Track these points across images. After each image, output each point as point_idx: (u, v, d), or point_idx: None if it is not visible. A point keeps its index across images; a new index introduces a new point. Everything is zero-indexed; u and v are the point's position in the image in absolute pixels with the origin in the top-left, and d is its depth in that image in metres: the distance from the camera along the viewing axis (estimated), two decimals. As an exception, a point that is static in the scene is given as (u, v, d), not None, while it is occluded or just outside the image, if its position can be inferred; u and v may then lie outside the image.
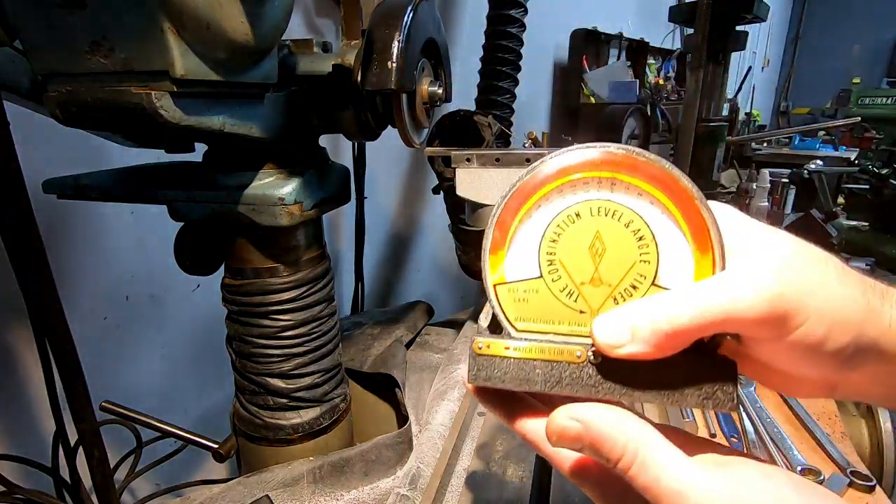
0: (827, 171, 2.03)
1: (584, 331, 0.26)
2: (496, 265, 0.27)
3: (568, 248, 0.26)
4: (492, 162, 0.69)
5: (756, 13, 1.75)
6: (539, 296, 0.27)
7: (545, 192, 0.26)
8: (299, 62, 0.56)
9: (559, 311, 0.27)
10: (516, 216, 0.27)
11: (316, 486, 0.62)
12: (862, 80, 4.56)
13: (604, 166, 0.25)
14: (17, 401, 0.77)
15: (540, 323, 0.27)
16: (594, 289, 0.26)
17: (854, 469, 0.70)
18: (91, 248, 0.84)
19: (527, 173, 0.26)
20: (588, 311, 0.26)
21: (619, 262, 0.25)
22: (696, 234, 0.24)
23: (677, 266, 0.25)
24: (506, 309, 0.27)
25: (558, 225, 0.26)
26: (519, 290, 0.27)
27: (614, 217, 0.25)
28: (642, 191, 0.25)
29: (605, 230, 0.26)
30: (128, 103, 0.38)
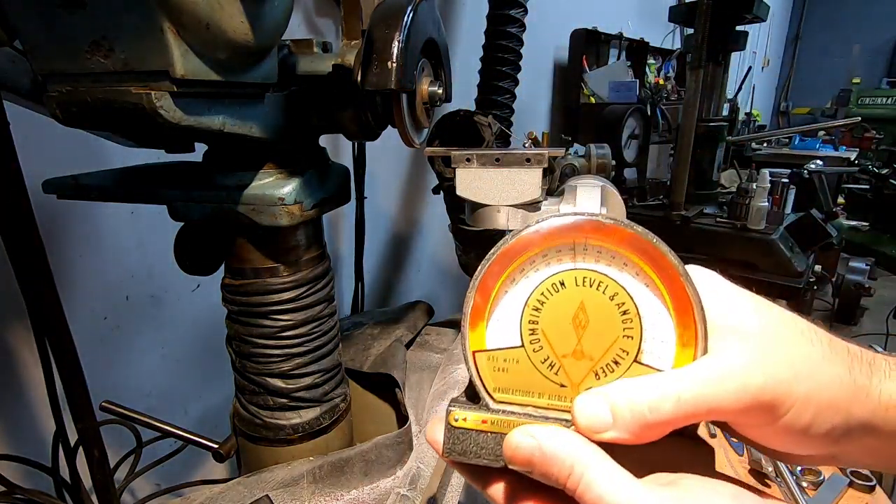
0: (827, 171, 2.03)
1: (564, 405, 0.25)
2: (476, 331, 0.26)
3: (551, 318, 0.25)
4: (492, 162, 0.69)
5: (756, 13, 1.75)
6: (519, 366, 0.26)
7: (529, 257, 0.26)
8: (299, 62, 0.56)
9: (539, 383, 0.26)
10: (498, 281, 0.26)
11: (316, 486, 0.62)
12: (862, 80, 4.56)
13: (591, 234, 0.25)
14: (17, 401, 0.77)
15: (519, 394, 0.26)
16: (576, 362, 0.25)
17: (854, 469, 0.70)
18: (91, 248, 0.84)
19: (512, 237, 0.26)
20: (569, 385, 0.25)
21: (603, 335, 0.25)
22: (679, 313, 0.24)
23: (660, 344, 0.24)
24: (484, 378, 0.26)
25: (542, 293, 0.25)
26: (499, 358, 0.26)
27: (599, 288, 0.25)
28: (628, 261, 0.25)
29: (590, 301, 0.25)
30: (128, 103, 0.38)
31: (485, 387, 0.26)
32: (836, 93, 4.54)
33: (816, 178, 1.94)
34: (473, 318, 0.26)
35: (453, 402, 0.27)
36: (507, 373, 0.26)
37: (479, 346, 0.26)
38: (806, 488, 0.68)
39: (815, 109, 4.79)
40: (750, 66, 4.36)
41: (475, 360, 0.26)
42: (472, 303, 0.26)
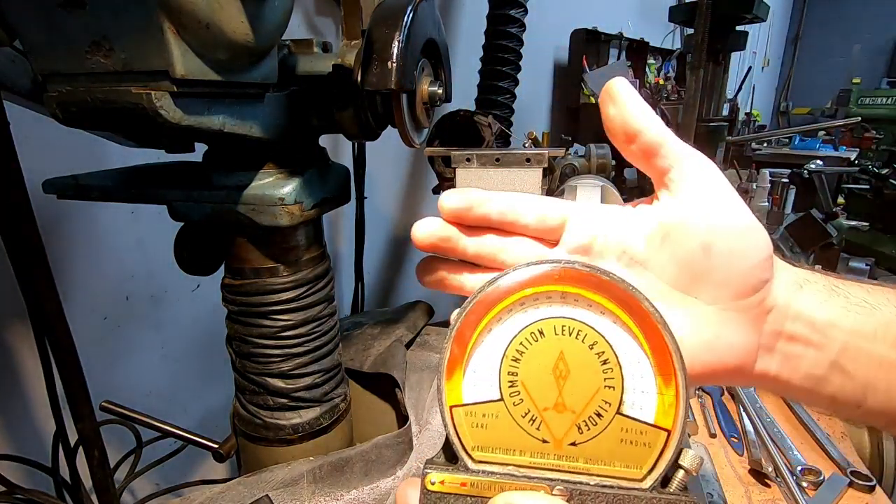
0: (827, 171, 2.03)
1: (547, 462, 0.24)
2: (453, 385, 0.25)
3: (531, 369, 0.24)
4: (492, 162, 0.69)
5: (756, 13, 1.76)
6: (499, 421, 0.24)
7: (507, 305, 0.25)
8: (299, 62, 0.56)
9: (520, 439, 0.24)
10: (476, 330, 0.25)
11: (316, 486, 0.62)
12: (862, 80, 4.56)
13: (567, 282, 0.24)
14: (17, 401, 0.77)
15: (499, 452, 0.24)
16: (558, 415, 0.24)
17: (854, 469, 0.70)
18: (91, 248, 0.84)
19: (488, 284, 0.25)
20: (551, 441, 0.24)
21: (584, 387, 0.24)
22: (659, 363, 0.23)
23: (641, 394, 0.24)
24: (462, 436, 0.25)
25: (521, 343, 0.24)
26: (478, 413, 0.25)
27: (578, 337, 0.24)
28: (605, 309, 0.24)
29: (570, 351, 0.24)
30: (128, 103, 0.38)
31: (463, 445, 0.25)
32: (836, 93, 4.54)
33: (816, 178, 1.94)
34: (450, 370, 0.25)
35: (429, 464, 0.25)
36: (487, 429, 0.25)
37: (456, 400, 0.25)
38: (806, 488, 0.68)
39: (815, 109, 4.79)
40: (750, 66, 4.36)
41: (452, 417, 0.25)
42: (448, 354, 0.25)
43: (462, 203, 0.30)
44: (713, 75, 1.81)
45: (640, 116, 0.27)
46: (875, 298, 0.26)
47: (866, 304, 0.26)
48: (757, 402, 0.85)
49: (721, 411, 0.84)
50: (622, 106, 0.27)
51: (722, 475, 0.70)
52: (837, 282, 0.27)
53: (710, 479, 0.68)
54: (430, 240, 0.30)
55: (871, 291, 0.27)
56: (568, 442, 0.24)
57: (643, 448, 0.23)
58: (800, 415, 0.82)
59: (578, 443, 0.24)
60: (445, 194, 0.30)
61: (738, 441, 0.77)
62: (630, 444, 0.24)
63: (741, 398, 0.86)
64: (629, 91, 0.28)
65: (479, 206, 0.30)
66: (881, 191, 1.96)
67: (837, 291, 0.27)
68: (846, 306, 0.26)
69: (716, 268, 0.26)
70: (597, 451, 0.24)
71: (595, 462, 0.24)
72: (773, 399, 0.88)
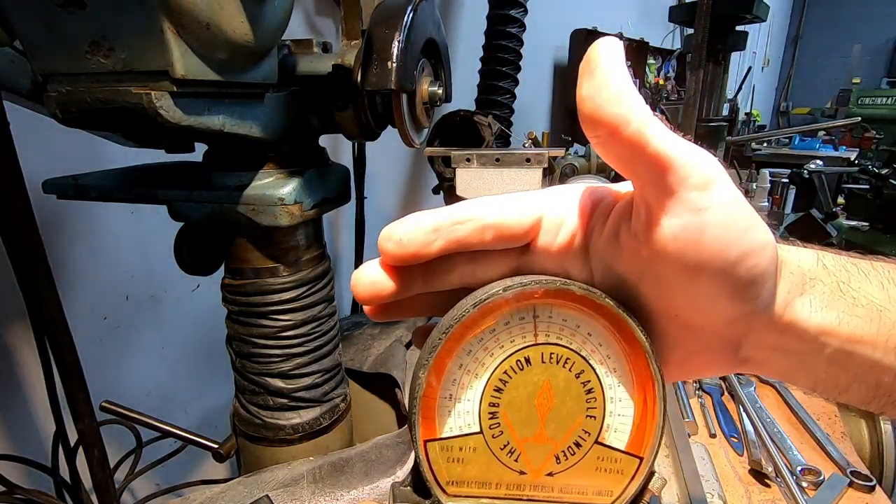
0: (827, 171, 2.03)
1: (523, 493, 0.23)
2: (429, 418, 0.23)
3: (513, 400, 0.23)
4: (492, 162, 0.69)
5: (756, 13, 1.76)
6: (476, 455, 0.23)
7: (489, 326, 0.23)
8: (299, 62, 0.56)
9: (497, 471, 0.23)
10: (454, 355, 0.23)
11: (316, 486, 0.62)
12: (862, 80, 4.56)
13: (557, 301, 0.23)
14: (17, 401, 0.77)
15: (474, 486, 0.23)
16: (537, 446, 0.23)
17: (854, 469, 0.70)
18: (91, 248, 0.84)
19: (472, 306, 0.22)
20: (528, 472, 0.23)
21: (567, 417, 0.23)
22: (641, 391, 0.23)
23: (618, 417, 0.23)
24: (437, 471, 0.23)
25: (505, 372, 0.23)
26: (454, 448, 0.23)
27: (566, 365, 0.23)
28: (593, 331, 0.23)
29: (555, 380, 0.23)
30: (128, 103, 0.38)
31: (437, 481, 0.23)
32: (836, 93, 4.54)
33: (816, 178, 1.94)
34: (426, 402, 0.23)
35: (398, 492, 0.24)
36: (463, 463, 0.23)
37: (431, 434, 0.23)
38: (806, 488, 0.68)
39: (815, 109, 4.79)
40: (750, 66, 4.36)
41: (426, 452, 0.23)
42: (424, 386, 0.22)
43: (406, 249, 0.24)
44: (713, 75, 1.81)
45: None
46: (888, 295, 0.25)
47: (874, 305, 0.24)
48: (757, 402, 0.85)
49: (721, 411, 0.84)
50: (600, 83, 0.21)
51: (722, 475, 0.70)
52: (849, 275, 0.25)
53: (710, 479, 0.68)
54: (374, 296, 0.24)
55: (887, 284, 0.25)
56: (545, 472, 0.23)
57: (616, 475, 0.23)
58: (800, 415, 0.82)
59: (555, 473, 0.23)
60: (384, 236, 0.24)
61: (738, 441, 0.77)
62: (604, 472, 0.23)
63: (741, 398, 0.86)
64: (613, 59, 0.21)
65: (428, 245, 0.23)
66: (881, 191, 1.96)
67: (844, 292, 0.25)
68: (849, 309, 0.24)
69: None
70: (572, 480, 0.23)
71: (569, 491, 0.23)
72: (773, 399, 0.88)
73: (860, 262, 0.26)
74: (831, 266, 0.25)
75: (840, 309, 0.24)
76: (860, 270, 0.25)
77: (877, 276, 0.25)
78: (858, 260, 0.26)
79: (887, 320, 0.24)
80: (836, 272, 0.25)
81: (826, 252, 0.26)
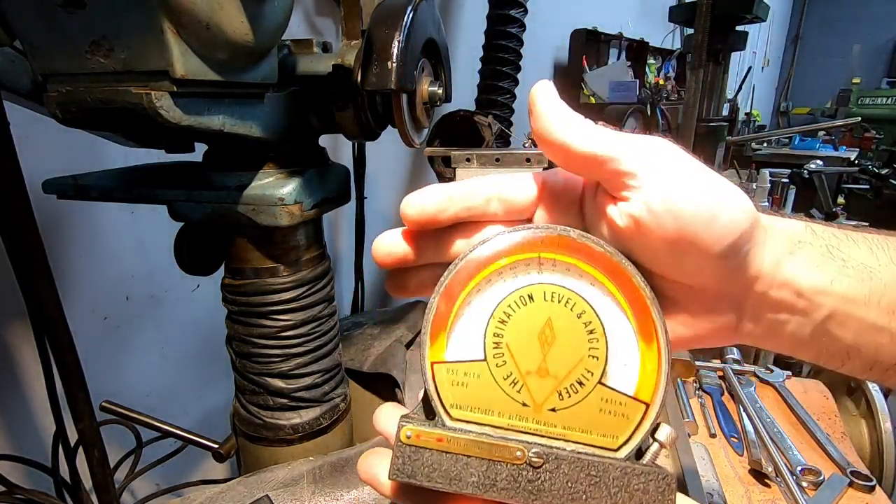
0: (827, 171, 2.03)
1: (525, 426, 0.24)
2: (437, 341, 0.24)
3: (517, 332, 0.24)
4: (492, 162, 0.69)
5: (756, 13, 1.76)
6: (480, 381, 0.24)
7: (497, 268, 0.24)
8: (299, 62, 0.56)
9: (500, 400, 0.24)
10: (465, 289, 0.25)
11: (316, 486, 0.62)
12: (862, 80, 4.56)
13: (560, 249, 0.24)
14: (17, 401, 0.77)
15: (478, 412, 0.24)
16: (540, 380, 0.24)
17: (854, 469, 0.70)
18: (91, 248, 0.84)
19: (480, 244, 0.25)
20: (531, 405, 0.24)
21: (568, 354, 0.24)
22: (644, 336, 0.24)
23: (622, 367, 0.24)
24: (442, 393, 0.24)
25: (509, 305, 0.24)
26: (459, 372, 0.24)
27: (567, 305, 0.24)
28: (596, 280, 0.24)
29: (557, 318, 0.24)
30: (128, 103, 0.38)
31: (442, 402, 0.24)
32: (836, 93, 4.54)
33: (816, 178, 1.94)
34: (435, 326, 0.24)
35: (405, 419, 0.25)
36: (467, 388, 0.24)
37: (438, 357, 0.25)
38: (806, 488, 0.68)
39: (815, 109, 4.79)
40: (750, 66, 4.36)
41: (433, 372, 0.24)
42: (434, 310, 0.25)
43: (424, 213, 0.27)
44: (713, 75, 1.81)
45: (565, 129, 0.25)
46: (877, 258, 0.25)
47: (864, 267, 0.25)
48: (757, 402, 0.85)
49: (721, 411, 0.84)
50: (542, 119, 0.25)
51: (722, 475, 0.70)
52: (839, 240, 0.26)
53: (710, 479, 0.68)
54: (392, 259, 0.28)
55: (876, 249, 0.26)
56: (548, 407, 0.24)
57: (621, 419, 0.24)
58: (800, 415, 0.82)
59: (558, 409, 0.24)
60: (406, 203, 0.27)
61: (738, 441, 0.77)
62: (609, 414, 0.24)
63: (741, 398, 0.86)
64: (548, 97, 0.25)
65: (443, 211, 0.27)
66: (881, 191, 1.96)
67: (833, 255, 0.26)
68: (840, 270, 0.25)
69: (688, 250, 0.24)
70: (575, 419, 0.24)
71: (572, 429, 0.24)
72: (773, 399, 0.88)
73: (848, 231, 0.27)
74: (819, 232, 0.26)
75: (831, 270, 0.25)
76: (849, 237, 0.27)
77: (865, 242, 0.26)
78: (847, 230, 0.27)
79: (878, 281, 0.25)
80: (825, 237, 0.26)
81: (815, 222, 0.27)
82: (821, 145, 3.53)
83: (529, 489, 0.23)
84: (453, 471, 0.23)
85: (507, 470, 0.23)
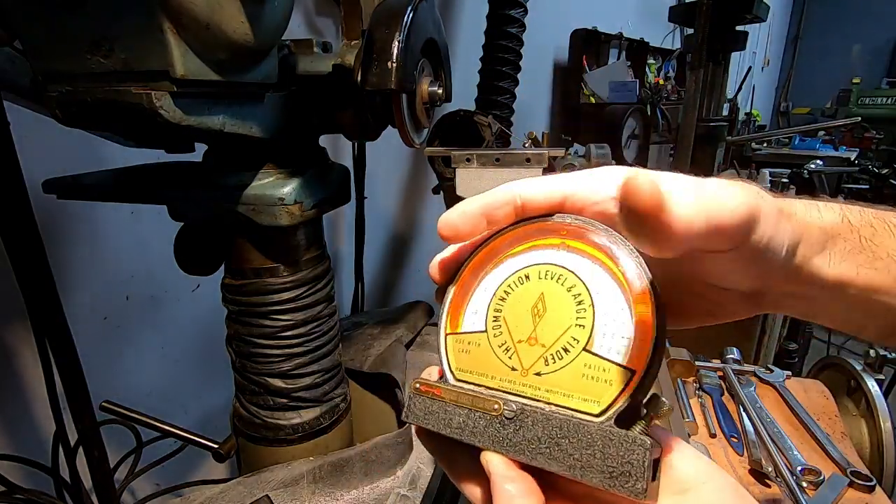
0: (827, 171, 2.03)
1: (512, 387, 0.27)
2: (453, 319, 0.29)
3: (513, 307, 0.28)
4: (492, 162, 0.69)
5: (756, 13, 1.76)
6: (480, 349, 0.28)
7: (511, 254, 0.28)
8: (299, 62, 0.56)
9: (494, 365, 0.27)
10: (481, 273, 0.29)
11: (316, 486, 0.62)
12: (862, 80, 4.56)
13: (564, 236, 0.27)
14: (17, 401, 0.77)
15: (476, 374, 0.28)
16: (529, 348, 0.27)
17: (854, 469, 0.70)
18: (91, 248, 0.84)
19: (490, 236, 0.29)
20: (519, 370, 0.27)
21: (556, 324, 0.26)
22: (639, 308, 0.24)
23: (612, 335, 0.25)
24: (450, 357, 0.29)
25: (509, 285, 0.28)
26: (465, 341, 0.29)
27: (559, 281, 0.27)
28: (593, 257, 0.26)
29: (549, 293, 0.27)
30: (128, 103, 0.38)
31: (449, 365, 0.29)
32: (836, 93, 4.54)
33: (816, 178, 1.94)
34: (452, 305, 0.30)
35: (420, 377, 0.29)
36: (469, 354, 0.28)
37: (450, 330, 0.29)
38: (806, 488, 0.68)
39: (815, 109, 4.79)
40: (750, 66, 4.36)
41: (445, 342, 0.29)
42: (452, 294, 0.30)
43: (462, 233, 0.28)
44: (713, 75, 1.81)
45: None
46: None
47: (893, 258, 0.26)
48: (757, 402, 0.85)
49: (721, 411, 0.84)
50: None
51: (722, 475, 0.70)
52: (874, 230, 0.26)
53: (710, 479, 0.68)
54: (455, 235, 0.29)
55: None
56: (534, 371, 0.26)
57: (605, 385, 0.24)
58: (800, 415, 0.82)
59: (543, 373, 0.26)
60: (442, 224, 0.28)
61: (738, 441, 0.77)
62: (591, 380, 0.25)
63: (741, 398, 0.86)
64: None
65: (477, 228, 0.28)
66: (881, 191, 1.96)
67: (864, 245, 0.26)
68: (868, 263, 0.26)
69: None
70: (558, 383, 0.25)
71: (555, 392, 0.25)
72: (773, 399, 0.88)
73: (888, 216, 0.27)
74: (855, 222, 0.27)
75: (859, 262, 0.26)
76: (887, 226, 0.27)
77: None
78: (887, 213, 0.27)
79: None
80: (860, 227, 0.27)
81: (852, 207, 0.28)
82: (821, 145, 3.53)
83: (498, 438, 0.25)
84: (443, 417, 0.27)
85: (485, 420, 0.26)
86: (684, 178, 0.23)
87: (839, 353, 2.45)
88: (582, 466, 0.23)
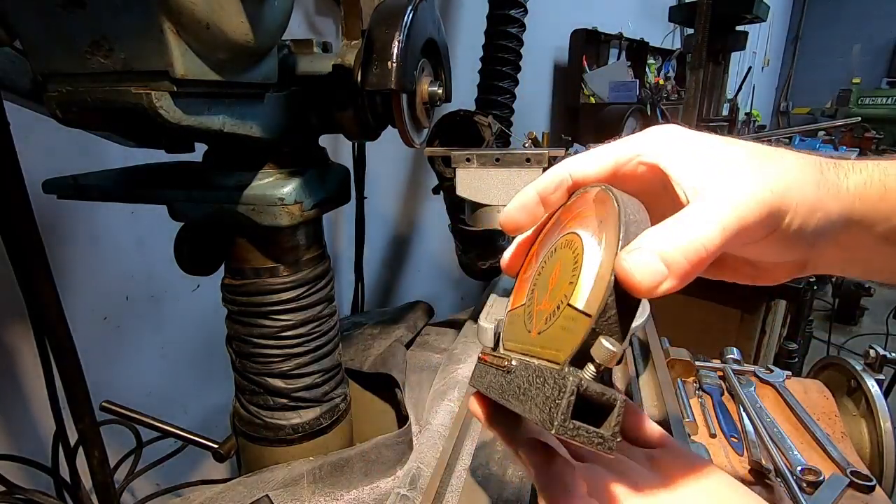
0: (827, 171, 2.03)
1: (526, 348, 0.29)
2: (514, 299, 0.33)
3: (542, 279, 0.30)
4: (492, 162, 0.69)
5: (756, 13, 1.76)
6: (519, 319, 0.31)
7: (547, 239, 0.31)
8: (299, 62, 0.56)
9: (521, 331, 0.30)
10: (531, 260, 0.33)
11: (316, 486, 0.62)
12: (862, 80, 4.56)
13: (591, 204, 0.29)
14: (17, 401, 0.77)
15: (513, 342, 0.31)
16: (542, 312, 0.28)
17: (854, 469, 0.70)
18: (91, 248, 0.84)
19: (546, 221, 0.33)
20: (532, 332, 0.29)
21: (560, 287, 0.27)
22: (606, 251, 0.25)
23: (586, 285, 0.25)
24: (504, 330, 0.33)
25: (544, 260, 0.31)
26: (514, 315, 0.32)
27: (569, 248, 0.28)
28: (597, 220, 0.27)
29: (563, 260, 0.28)
30: (128, 103, 0.38)
31: (501, 337, 0.33)
32: (836, 93, 4.54)
33: (816, 178, 1.94)
34: (516, 289, 0.33)
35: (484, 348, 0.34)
36: (514, 325, 0.31)
37: (511, 307, 0.33)
38: (806, 488, 0.68)
39: (815, 109, 4.79)
40: (750, 66, 4.36)
41: (506, 318, 0.33)
42: (516, 280, 0.34)
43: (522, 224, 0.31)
44: (713, 75, 1.81)
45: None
46: None
47: None
48: (757, 402, 0.85)
49: (721, 411, 0.84)
50: None
51: (722, 475, 0.70)
52: None
53: (710, 479, 0.68)
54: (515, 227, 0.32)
55: None
56: (538, 331, 0.28)
57: (570, 334, 0.25)
58: (800, 415, 0.82)
59: (542, 332, 0.28)
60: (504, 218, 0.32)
61: (738, 441, 0.77)
62: (566, 332, 0.25)
63: (741, 398, 0.86)
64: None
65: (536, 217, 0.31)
66: (881, 191, 1.96)
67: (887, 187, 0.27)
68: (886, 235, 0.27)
69: None
70: (549, 339, 0.27)
71: (546, 347, 0.27)
72: (773, 399, 0.88)
73: None
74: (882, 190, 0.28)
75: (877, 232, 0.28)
76: None
77: None
78: None
79: None
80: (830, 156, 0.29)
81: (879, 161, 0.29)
82: (821, 145, 3.52)
83: (500, 390, 0.29)
84: (483, 378, 0.32)
85: (498, 376, 0.29)
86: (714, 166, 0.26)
87: (839, 353, 2.45)
88: (532, 405, 0.25)
